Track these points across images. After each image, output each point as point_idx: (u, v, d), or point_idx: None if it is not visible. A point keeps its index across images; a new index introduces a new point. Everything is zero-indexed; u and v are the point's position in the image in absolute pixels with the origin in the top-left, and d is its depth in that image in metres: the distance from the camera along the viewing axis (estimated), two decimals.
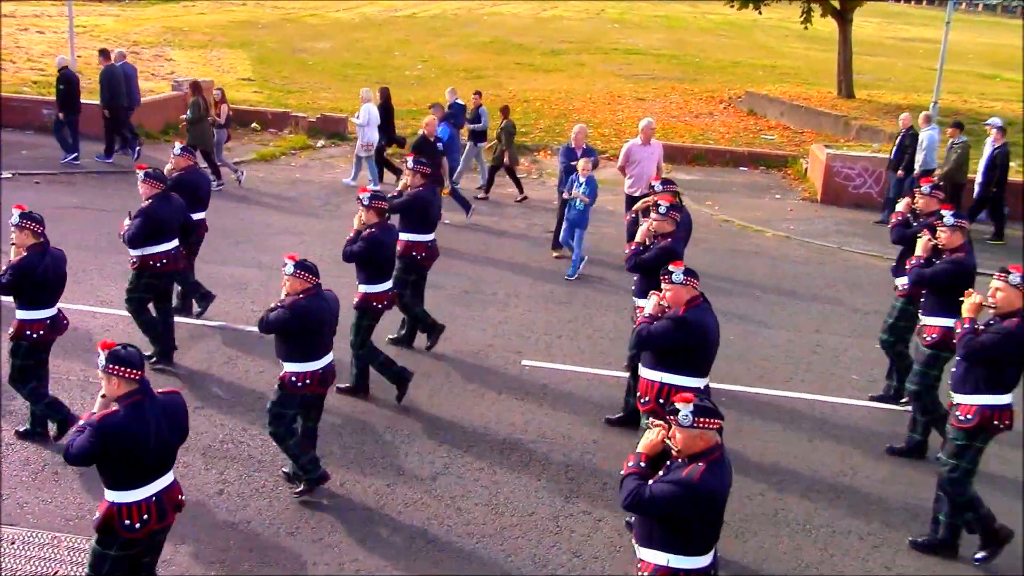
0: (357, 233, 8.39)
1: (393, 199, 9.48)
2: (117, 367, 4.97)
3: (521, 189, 16.41)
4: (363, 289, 8.48)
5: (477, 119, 16.64)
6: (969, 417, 6.48)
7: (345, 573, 6.32)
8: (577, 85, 28.11)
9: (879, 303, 11.30)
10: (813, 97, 25.44)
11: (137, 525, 5.05)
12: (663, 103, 25.93)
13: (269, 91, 24.71)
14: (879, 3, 52.72)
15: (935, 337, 7.73)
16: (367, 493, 7.23)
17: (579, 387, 9.24)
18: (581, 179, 12.11)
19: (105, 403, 5.05)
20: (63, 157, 16.41)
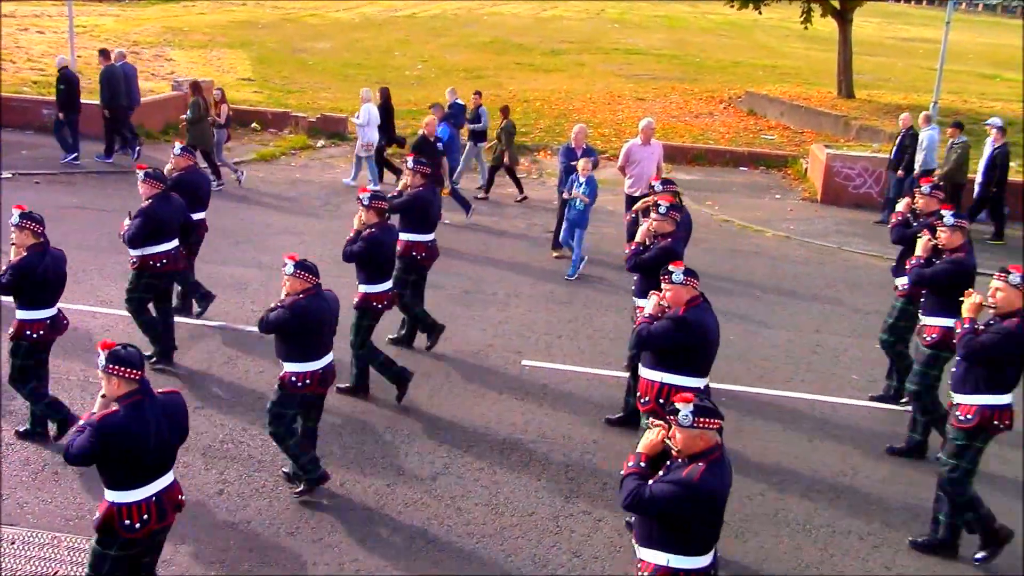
0: (357, 233, 8.39)
1: (393, 199, 9.48)
2: (117, 367, 4.97)
3: (521, 189, 16.41)
4: (363, 289, 8.48)
5: (477, 119, 16.64)
6: (969, 417, 6.48)
7: (345, 573, 6.32)
8: (577, 85, 28.11)
9: (879, 303, 11.29)
10: (813, 97, 25.43)
11: (137, 525, 5.05)
12: (663, 103, 25.94)
13: (269, 91, 24.71)
14: (879, 3, 52.72)
15: (935, 337, 7.73)
16: (367, 493, 7.23)
17: (579, 387, 9.24)
18: (581, 179, 12.11)
19: (105, 403, 5.05)
20: (63, 157, 16.41)
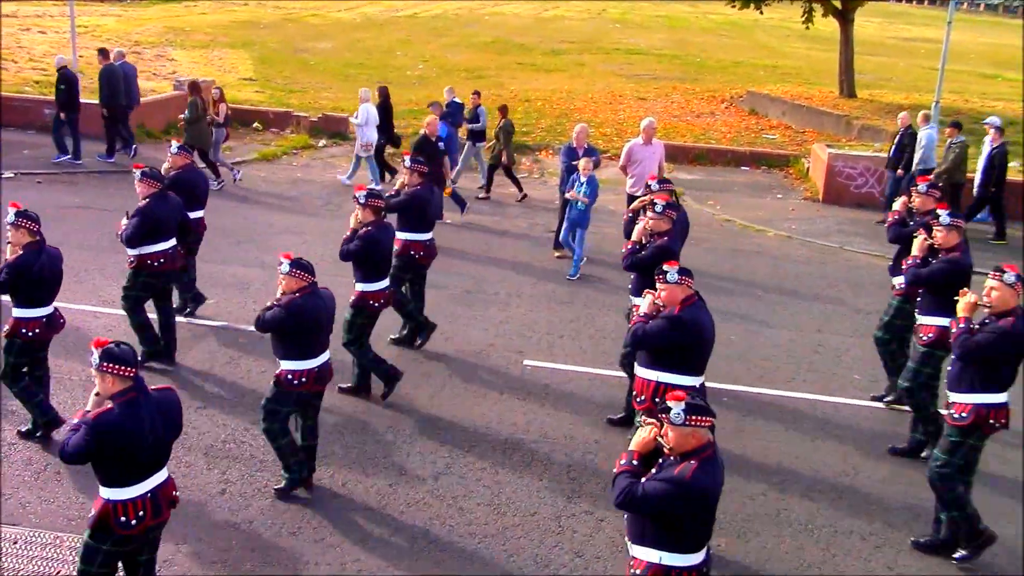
0: (354, 232, 8.42)
1: (390, 198, 9.50)
2: (111, 365, 4.97)
3: (520, 188, 16.39)
4: (360, 287, 8.50)
5: (475, 119, 16.63)
6: (964, 415, 6.50)
7: (347, 573, 6.31)
8: (578, 85, 28.11)
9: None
10: (815, 97, 25.41)
11: (133, 522, 5.06)
12: (664, 103, 25.93)
13: (271, 91, 24.72)
14: (880, 3, 52.69)
15: (931, 336, 7.75)
16: (369, 493, 7.23)
17: (581, 387, 9.24)
18: (582, 179, 12.11)
19: (99, 401, 5.05)
20: (55, 157, 16.40)
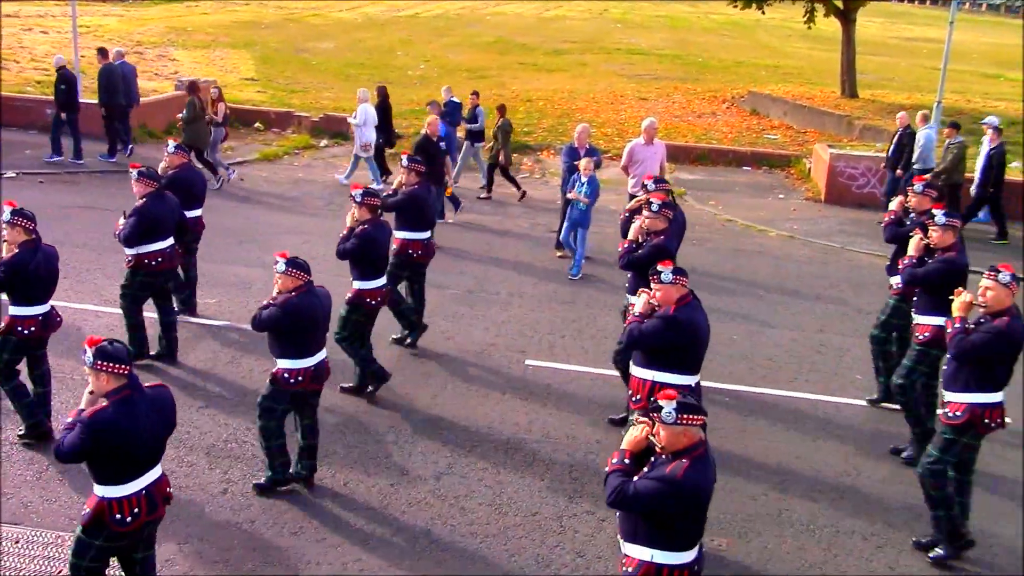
0: (350, 230, 8.43)
1: (388, 198, 9.52)
2: (104, 363, 4.97)
3: (518, 187, 16.37)
4: (357, 285, 8.53)
5: (474, 119, 16.62)
6: (958, 414, 6.51)
7: (349, 573, 6.32)
8: (580, 85, 28.11)
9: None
10: (816, 97, 25.41)
11: (128, 519, 5.06)
12: (666, 103, 25.92)
13: (272, 91, 24.73)
14: (882, 3, 52.67)
15: (927, 336, 7.76)
16: (370, 493, 7.24)
17: (582, 387, 9.24)
18: (583, 179, 12.11)
19: (92, 399, 5.05)
20: (47, 156, 16.39)
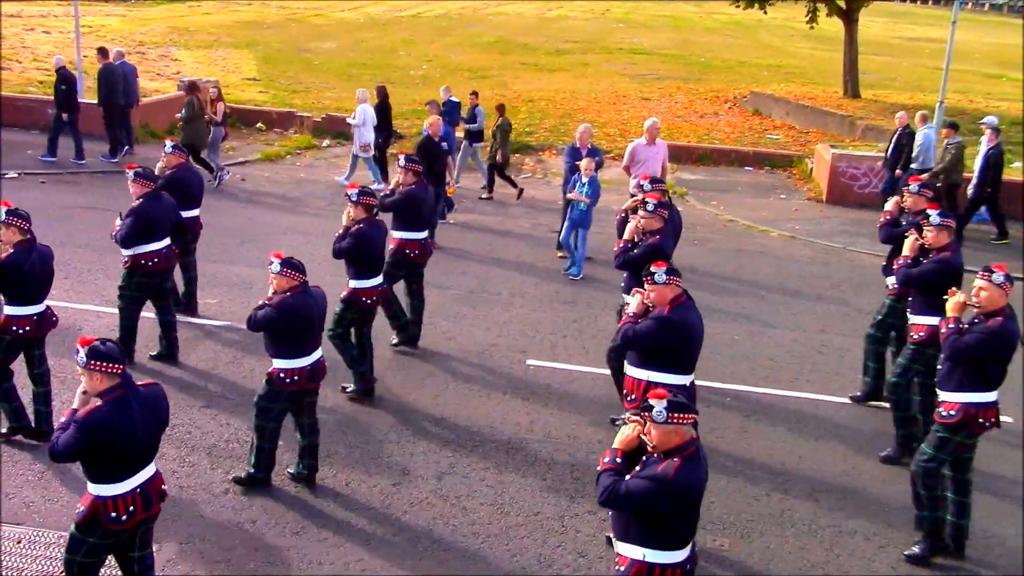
0: (346, 229, 8.44)
1: (385, 197, 9.52)
2: (98, 362, 4.96)
3: (515, 185, 16.33)
4: (353, 284, 8.55)
5: (473, 119, 16.61)
6: (952, 413, 6.51)
7: (350, 572, 6.32)
8: (582, 85, 28.11)
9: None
10: (818, 97, 25.39)
11: (124, 517, 5.06)
12: (668, 103, 25.92)
13: (274, 91, 24.74)
14: (885, 3, 52.69)
15: (922, 336, 7.76)
16: (372, 493, 7.24)
17: (584, 387, 9.24)
18: (583, 179, 12.10)
19: (86, 399, 5.05)
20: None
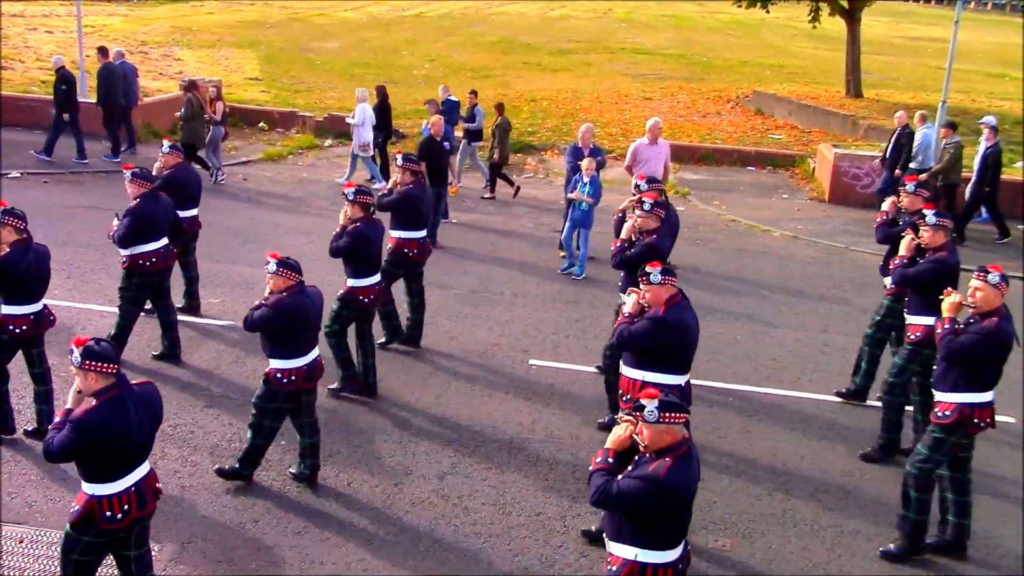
0: (343, 228, 8.45)
1: (383, 197, 9.53)
2: (92, 363, 4.96)
3: (512, 183, 16.39)
4: (350, 283, 8.55)
5: (472, 118, 16.61)
6: (947, 414, 6.52)
7: (352, 572, 6.32)
8: (584, 84, 28.10)
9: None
10: (821, 96, 25.35)
11: (119, 516, 5.07)
12: (670, 102, 25.90)
13: (277, 91, 24.74)
14: (887, 2, 52.60)
15: (919, 335, 7.76)
16: (374, 492, 7.24)
17: (586, 387, 9.24)
18: (585, 179, 12.10)
19: (80, 399, 5.05)
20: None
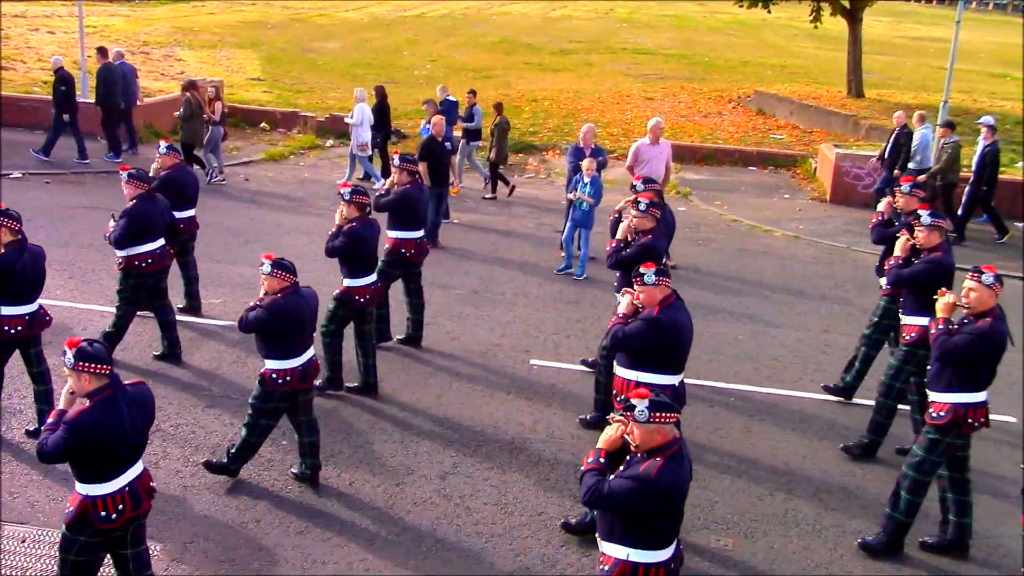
0: (339, 228, 8.45)
1: (380, 197, 9.54)
2: (86, 364, 4.96)
3: (507, 183, 16.42)
4: (346, 283, 8.56)
5: (471, 118, 16.63)
6: (942, 414, 6.53)
7: (354, 572, 6.32)
8: (586, 85, 28.10)
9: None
10: (822, 96, 25.35)
11: (114, 516, 5.07)
12: (672, 102, 25.90)
13: (278, 91, 24.76)
14: (889, 2, 52.59)
15: (914, 336, 7.76)
16: (376, 492, 7.24)
17: (587, 387, 9.21)
18: (585, 179, 12.09)
19: (72, 399, 5.05)
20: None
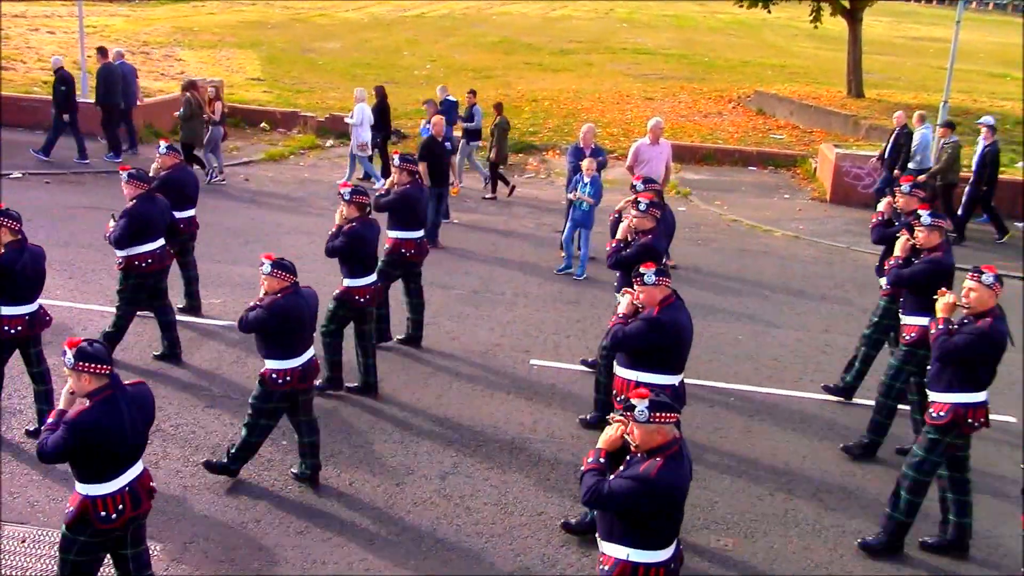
0: (339, 228, 8.46)
1: (380, 197, 9.54)
2: (86, 364, 4.96)
3: (507, 183, 16.44)
4: (346, 283, 8.56)
5: (470, 118, 16.63)
6: (942, 414, 6.53)
7: (354, 572, 6.33)
8: (586, 85, 28.10)
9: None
10: (822, 96, 25.36)
11: (113, 516, 5.08)
12: (672, 102, 25.90)
13: (278, 91, 24.76)
14: (889, 2, 52.59)
15: (914, 336, 7.77)
16: (376, 492, 7.24)
17: (587, 387, 9.21)
18: (585, 179, 12.09)
19: (72, 399, 5.06)
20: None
